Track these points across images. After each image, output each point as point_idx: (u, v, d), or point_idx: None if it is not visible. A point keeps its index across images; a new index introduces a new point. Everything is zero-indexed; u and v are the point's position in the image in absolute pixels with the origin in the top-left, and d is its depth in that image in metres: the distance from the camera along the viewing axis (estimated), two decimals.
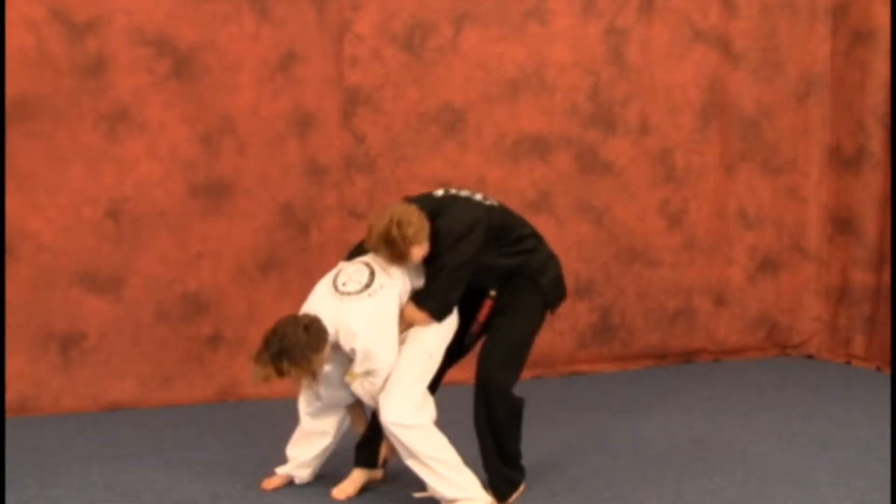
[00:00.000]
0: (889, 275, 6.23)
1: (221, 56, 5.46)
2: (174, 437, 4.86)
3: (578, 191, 6.24)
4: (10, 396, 5.22)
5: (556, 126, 6.15)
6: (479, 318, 3.97)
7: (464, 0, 5.90)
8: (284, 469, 4.15)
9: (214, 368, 5.59)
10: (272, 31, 5.54)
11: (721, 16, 6.45)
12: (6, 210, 5.14)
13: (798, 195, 6.71)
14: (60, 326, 5.33)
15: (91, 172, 5.32)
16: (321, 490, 4.08)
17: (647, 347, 6.50)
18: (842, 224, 6.59)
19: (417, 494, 3.95)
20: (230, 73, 5.49)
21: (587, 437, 4.84)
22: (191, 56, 5.41)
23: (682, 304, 6.55)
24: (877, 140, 6.32)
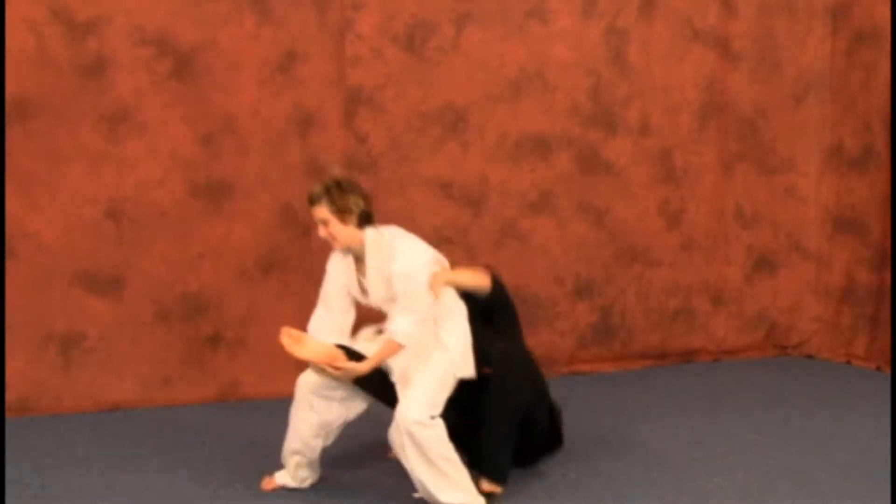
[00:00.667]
0: (890, 274, 6.22)
1: (222, 56, 5.46)
2: (174, 438, 4.86)
3: (579, 191, 6.24)
4: (10, 396, 5.22)
5: (558, 126, 6.15)
6: None
7: (465, 0, 5.91)
8: (282, 480, 4.14)
9: (215, 369, 5.59)
10: (273, 31, 5.54)
11: (720, 16, 6.45)
12: (6, 210, 5.14)
13: (797, 195, 6.71)
14: (60, 327, 5.33)
15: (91, 172, 5.32)
16: (321, 490, 4.09)
17: (647, 347, 6.50)
18: (844, 224, 6.58)
19: (417, 494, 3.95)
20: (231, 73, 5.49)
21: (587, 437, 4.83)
22: (191, 56, 5.41)
23: (682, 304, 6.55)
24: (881, 140, 6.31)
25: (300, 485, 4.10)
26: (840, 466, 4.37)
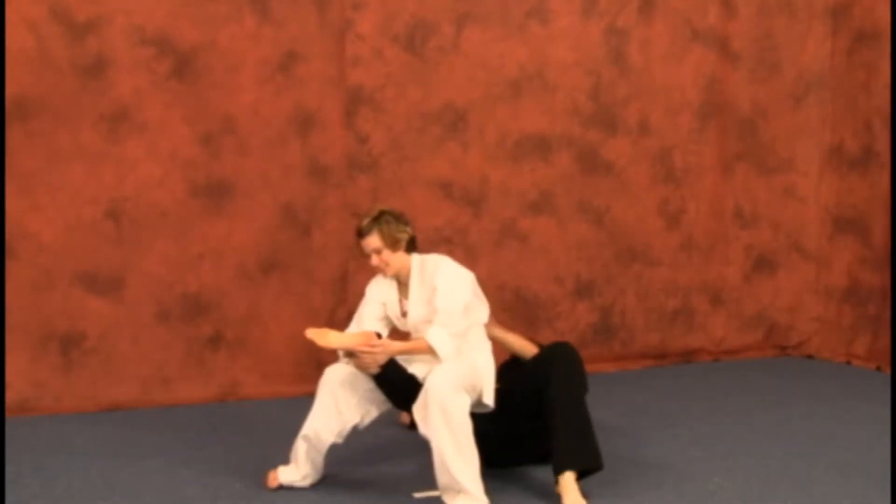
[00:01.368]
0: (890, 275, 6.22)
1: (222, 56, 5.46)
2: (174, 438, 4.86)
3: (579, 191, 6.24)
4: (11, 397, 5.22)
5: (558, 126, 6.15)
6: None
7: (465, 0, 5.91)
8: (287, 478, 4.12)
9: (215, 369, 5.59)
10: (273, 31, 5.54)
11: (720, 16, 6.45)
12: (6, 210, 5.14)
13: (796, 195, 6.71)
14: (61, 327, 5.33)
15: (91, 172, 5.32)
16: (321, 490, 4.09)
17: (647, 347, 6.50)
18: (844, 224, 6.58)
19: (417, 494, 3.95)
20: (231, 73, 5.49)
21: None
22: (192, 56, 5.41)
23: (682, 304, 6.55)
24: (882, 140, 6.31)
25: (302, 481, 4.10)
26: (840, 466, 4.37)
